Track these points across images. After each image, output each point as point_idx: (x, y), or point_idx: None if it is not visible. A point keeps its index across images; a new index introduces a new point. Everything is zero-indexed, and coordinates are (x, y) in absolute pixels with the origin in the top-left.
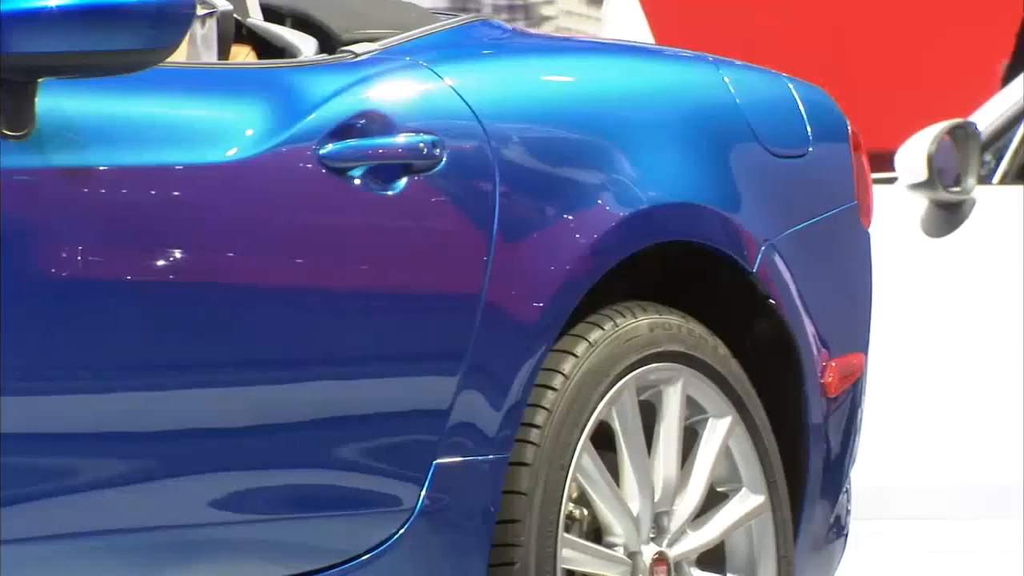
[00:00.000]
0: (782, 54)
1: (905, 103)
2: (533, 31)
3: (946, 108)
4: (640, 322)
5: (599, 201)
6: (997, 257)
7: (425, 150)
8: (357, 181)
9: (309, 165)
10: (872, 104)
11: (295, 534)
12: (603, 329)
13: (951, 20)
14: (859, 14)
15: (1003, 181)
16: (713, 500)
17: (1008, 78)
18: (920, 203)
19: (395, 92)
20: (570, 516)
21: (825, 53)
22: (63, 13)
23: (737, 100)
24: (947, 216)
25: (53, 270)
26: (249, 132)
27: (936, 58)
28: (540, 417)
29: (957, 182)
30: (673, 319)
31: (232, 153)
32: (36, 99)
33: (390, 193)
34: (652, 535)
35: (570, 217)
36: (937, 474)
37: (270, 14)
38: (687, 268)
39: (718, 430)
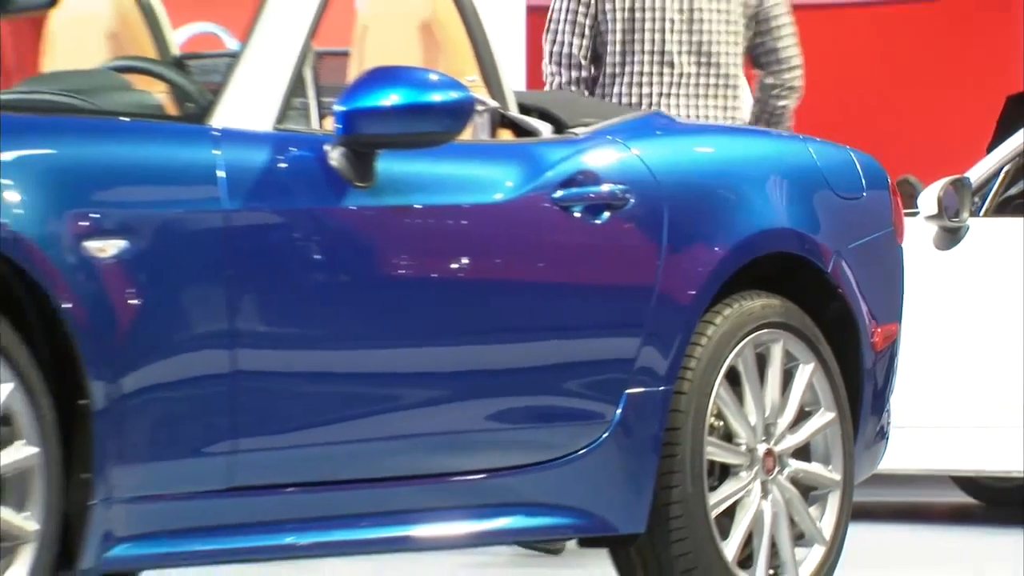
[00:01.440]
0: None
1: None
2: (684, 121)
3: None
4: (755, 303)
5: (731, 226)
6: (984, 263)
7: (619, 195)
8: (577, 214)
9: (546, 204)
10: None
11: (539, 436)
12: (732, 307)
13: (954, 98)
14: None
15: (986, 215)
16: (802, 416)
17: (992, 145)
18: (933, 228)
19: (600, 158)
20: (711, 426)
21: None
22: (394, 110)
23: (818, 163)
24: (950, 237)
25: (386, 269)
26: (509, 183)
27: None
28: (693, 363)
29: (957, 215)
30: (776, 301)
31: (498, 196)
32: (375, 163)
33: (597, 222)
34: (763, 438)
35: (712, 236)
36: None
37: (523, 109)
38: (787, 268)
39: (805, 372)
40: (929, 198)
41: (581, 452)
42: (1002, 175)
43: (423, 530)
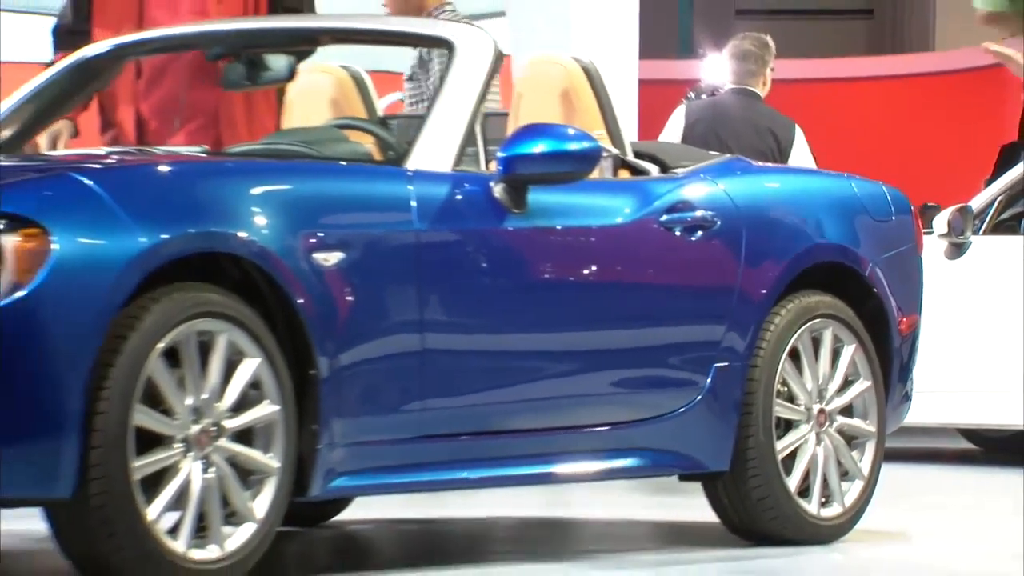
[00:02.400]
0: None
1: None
2: (757, 164)
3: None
4: (811, 299)
5: (792, 241)
6: (983, 270)
7: (709, 219)
8: (677, 233)
9: (655, 225)
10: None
11: (649, 398)
12: (793, 303)
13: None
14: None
15: (984, 233)
16: (846, 384)
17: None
18: (944, 244)
19: (695, 191)
20: (778, 390)
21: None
22: (542, 155)
23: (858, 194)
24: (957, 250)
25: (535, 274)
26: (626, 210)
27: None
28: (764, 344)
29: (962, 233)
30: (827, 298)
31: (619, 219)
32: (527, 195)
33: (693, 239)
34: (817, 400)
35: (778, 249)
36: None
37: (636, 155)
38: (835, 273)
39: (848, 351)
40: (941, 221)
41: (680, 410)
42: (996, 204)
43: (563, 468)
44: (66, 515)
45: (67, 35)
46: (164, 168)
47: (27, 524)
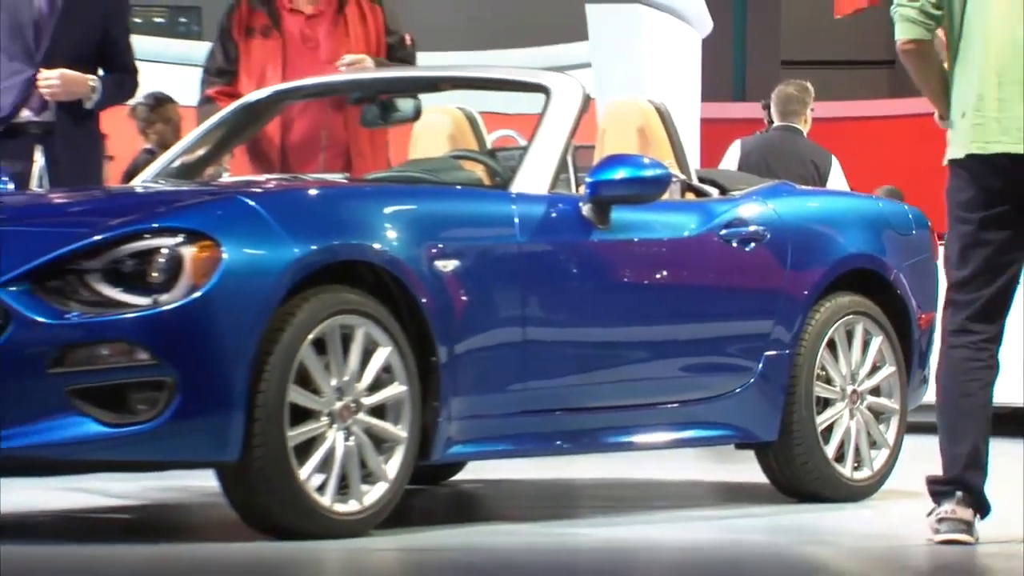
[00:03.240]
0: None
1: None
2: (801, 187)
3: None
4: (845, 299)
5: (830, 251)
6: None
7: (761, 232)
8: (734, 245)
9: (715, 239)
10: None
11: (711, 381)
12: (830, 302)
13: None
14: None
15: None
16: (875, 369)
17: None
18: None
19: (749, 210)
20: (817, 375)
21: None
22: (622, 180)
23: (884, 212)
24: None
25: (617, 277)
26: (692, 225)
27: None
28: (805, 336)
29: None
30: (859, 298)
31: (686, 233)
32: (611, 213)
33: (747, 250)
34: (850, 382)
35: (818, 258)
36: None
37: (700, 180)
38: (866, 278)
39: (876, 341)
40: None
41: (737, 391)
42: None
43: (639, 438)
44: (233, 475)
45: (216, 74)
46: (313, 191)
47: (202, 482)
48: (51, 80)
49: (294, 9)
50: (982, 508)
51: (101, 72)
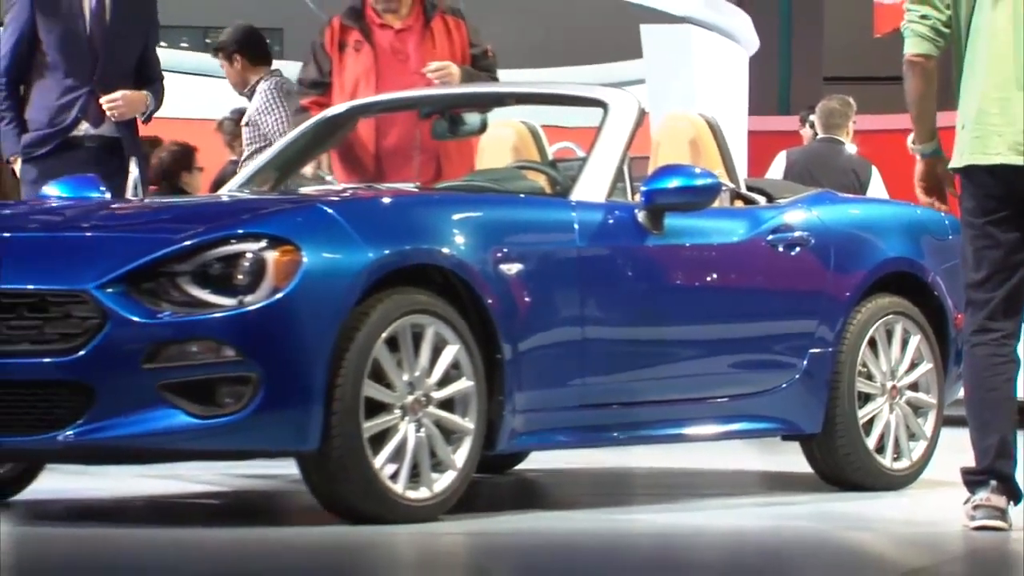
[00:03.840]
0: None
1: None
2: (844, 195)
3: None
4: (885, 300)
5: (870, 255)
6: None
7: (805, 238)
8: (780, 249)
9: (763, 243)
10: None
11: (759, 376)
12: (871, 303)
13: None
14: None
15: None
16: (913, 366)
17: None
18: None
19: (795, 216)
20: (859, 371)
21: None
22: (675, 189)
23: (922, 219)
24: None
25: (669, 279)
26: (740, 231)
27: None
28: (847, 335)
29: None
30: (898, 299)
31: (735, 238)
32: (664, 219)
33: (792, 254)
34: (890, 378)
35: (859, 261)
36: None
37: (748, 189)
38: (905, 280)
39: (915, 340)
40: None
41: (783, 386)
42: None
43: (691, 430)
44: (313, 464)
45: (310, 86)
46: (387, 200)
47: (284, 470)
48: (116, 101)
49: (384, 24)
50: (1014, 495)
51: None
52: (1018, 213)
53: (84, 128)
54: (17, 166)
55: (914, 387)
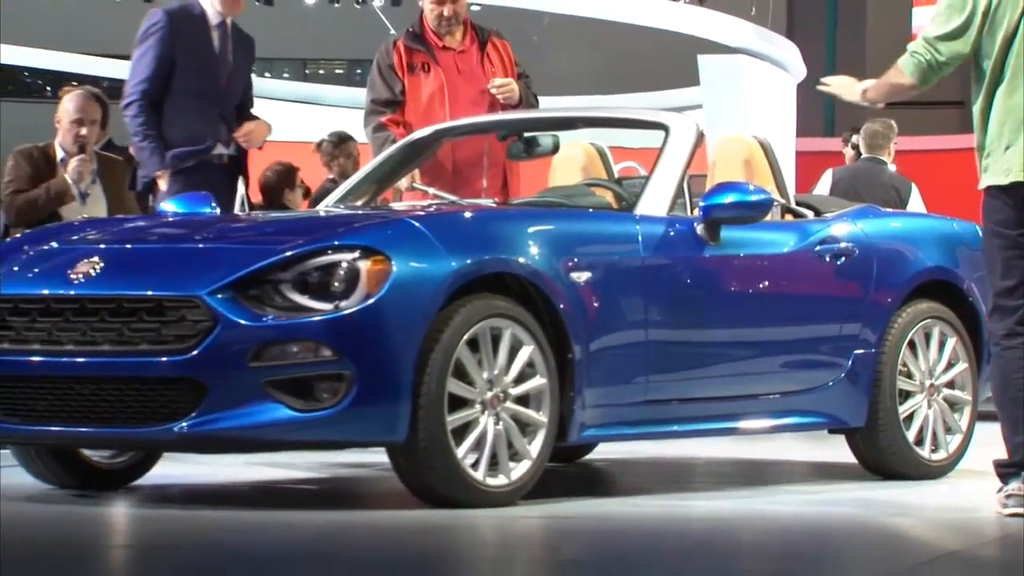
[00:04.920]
0: None
1: None
2: (885, 209)
3: None
4: (923, 305)
5: (910, 265)
6: None
7: (850, 249)
8: (827, 259)
9: (811, 254)
10: None
11: (808, 375)
12: (910, 308)
13: None
14: None
15: None
16: (949, 365)
17: None
18: None
19: (841, 229)
20: (900, 371)
21: None
22: (731, 204)
23: (957, 231)
24: None
25: (725, 286)
26: (791, 243)
27: None
28: (889, 337)
29: None
30: (935, 304)
31: (785, 249)
32: (720, 231)
33: (838, 263)
34: (928, 377)
35: (900, 270)
36: None
37: (797, 204)
38: (941, 287)
39: (951, 342)
40: None
41: (830, 384)
42: None
43: (745, 424)
44: (401, 453)
45: (384, 105)
46: (468, 214)
47: (374, 459)
48: (251, 131)
49: (446, 47)
50: None
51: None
52: None
53: (218, 148)
54: (163, 181)
55: (950, 385)
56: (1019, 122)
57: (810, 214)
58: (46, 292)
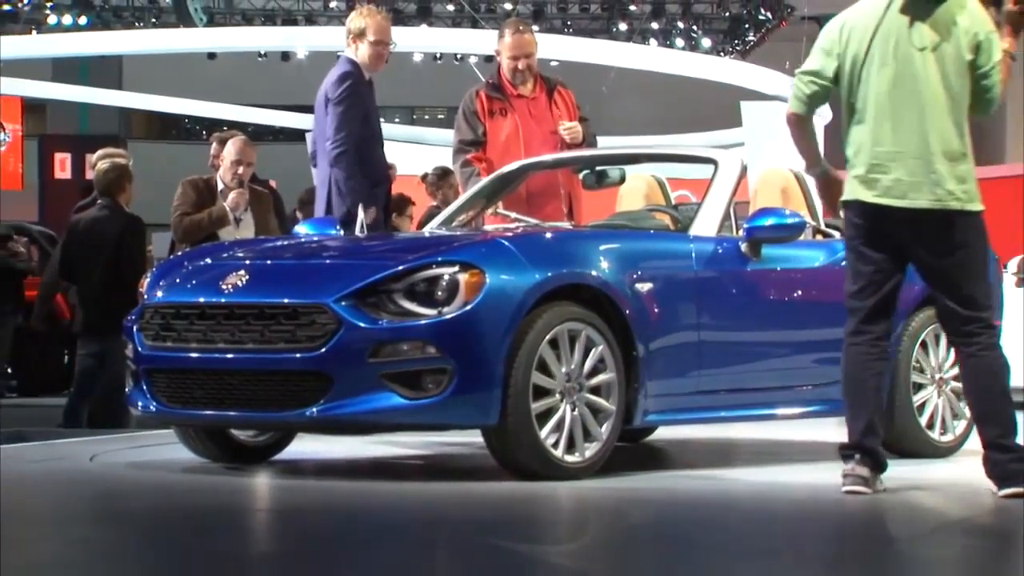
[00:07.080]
0: None
1: None
2: None
3: None
4: (932, 311)
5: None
6: None
7: None
8: None
9: (838, 268)
10: None
11: (832, 370)
12: (922, 313)
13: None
14: None
15: None
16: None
17: None
18: (1015, 278)
19: None
20: (913, 366)
21: None
22: (771, 226)
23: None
24: (1021, 281)
25: (764, 295)
26: (821, 258)
27: None
28: (904, 338)
29: None
30: None
31: (816, 264)
32: (762, 249)
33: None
34: (937, 371)
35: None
36: None
37: (826, 226)
38: None
39: None
40: (1013, 264)
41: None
42: None
43: (782, 410)
44: (493, 435)
45: (469, 144)
46: (548, 235)
47: (471, 439)
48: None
49: (520, 95)
50: (878, 465)
51: None
52: (884, 237)
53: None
54: (368, 214)
55: (957, 378)
56: (866, 150)
57: (837, 235)
58: (202, 300)
